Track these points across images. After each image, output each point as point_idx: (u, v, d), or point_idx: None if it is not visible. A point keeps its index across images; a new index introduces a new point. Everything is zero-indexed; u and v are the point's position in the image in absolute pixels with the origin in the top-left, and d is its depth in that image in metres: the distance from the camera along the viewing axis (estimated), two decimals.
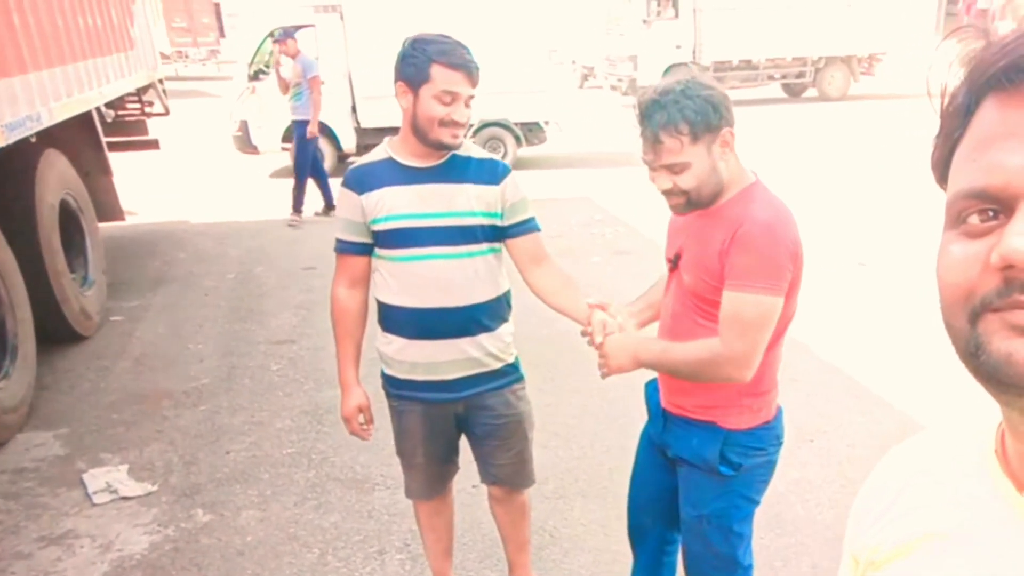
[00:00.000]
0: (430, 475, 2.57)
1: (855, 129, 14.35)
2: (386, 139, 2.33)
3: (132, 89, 7.23)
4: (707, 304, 1.95)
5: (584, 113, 16.16)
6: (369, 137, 10.78)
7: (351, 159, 11.04)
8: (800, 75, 18.43)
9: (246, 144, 10.55)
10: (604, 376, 2.14)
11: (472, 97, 2.17)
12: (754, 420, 2.04)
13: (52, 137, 5.19)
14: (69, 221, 5.51)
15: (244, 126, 10.43)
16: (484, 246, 2.28)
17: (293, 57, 8.01)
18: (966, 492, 0.68)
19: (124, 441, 4.05)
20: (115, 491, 3.58)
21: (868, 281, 6.26)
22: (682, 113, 1.80)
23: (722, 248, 1.85)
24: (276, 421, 4.21)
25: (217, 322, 5.69)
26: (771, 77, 18.49)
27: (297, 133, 8.21)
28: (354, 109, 10.59)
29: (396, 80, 2.18)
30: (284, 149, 10.34)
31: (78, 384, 4.75)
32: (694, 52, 17.49)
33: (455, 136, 2.16)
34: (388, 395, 2.47)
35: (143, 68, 7.44)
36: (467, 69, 2.12)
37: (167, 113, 8.40)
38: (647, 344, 2.05)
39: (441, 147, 2.18)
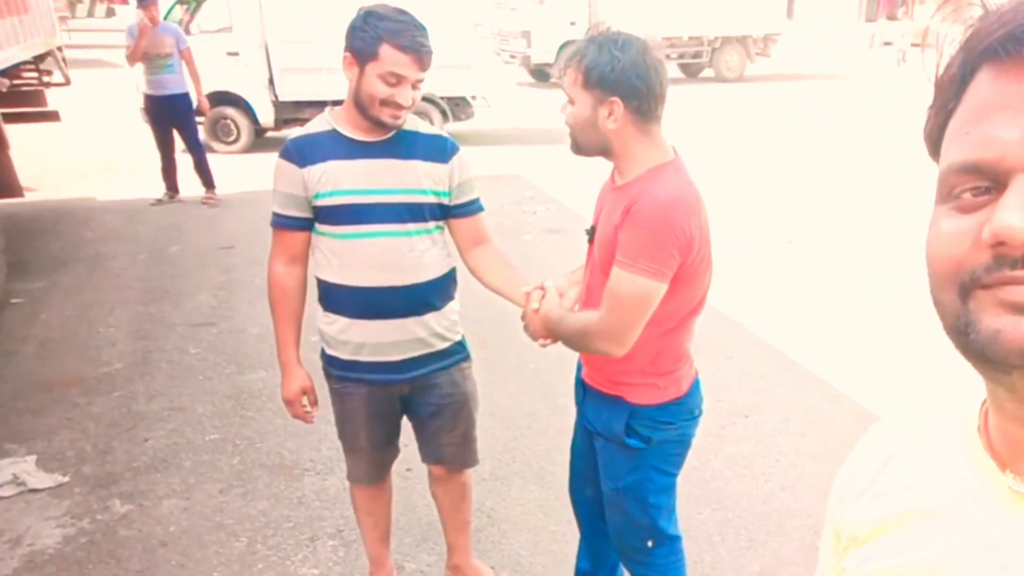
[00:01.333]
0: (373, 459, 2.54)
1: (757, 110, 14.72)
2: (327, 109, 2.26)
3: (28, 57, 6.91)
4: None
5: (508, 88, 16.17)
6: (287, 111, 10.57)
7: (268, 134, 10.81)
8: (697, 55, 18.81)
9: None
10: (538, 343, 2.17)
11: (420, 81, 2.11)
12: (661, 396, 2.08)
13: None
14: None
15: None
16: (431, 224, 2.26)
17: (155, 25, 7.40)
18: (948, 469, 0.69)
19: (31, 430, 3.88)
20: (23, 483, 3.44)
21: (797, 259, 6.44)
22: (588, 56, 1.89)
23: (618, 223, 1.89)
24: (197, 406, 4.10)
25: (129, 304, 5.50)
26: (668, 56, 18.70)
27: (182, 107, 7.79)
28: (271, 82, 10.34)
29: (345, 50, 2.11)
30: (198, 122, 10.04)
31: None
32: (588, 29, 17.60)
33: (395, 117, 2.12)
34: (329, 376, 2.42)
35: (40, 34, 7.11)
36: (417, 52, 2.05)
37: (68, 83, 8.08)
38: (555, 313, 2.08)
39: (380, 125, 2.14)
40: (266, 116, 10.38)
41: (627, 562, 2.33)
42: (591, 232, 2.08)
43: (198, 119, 9.93)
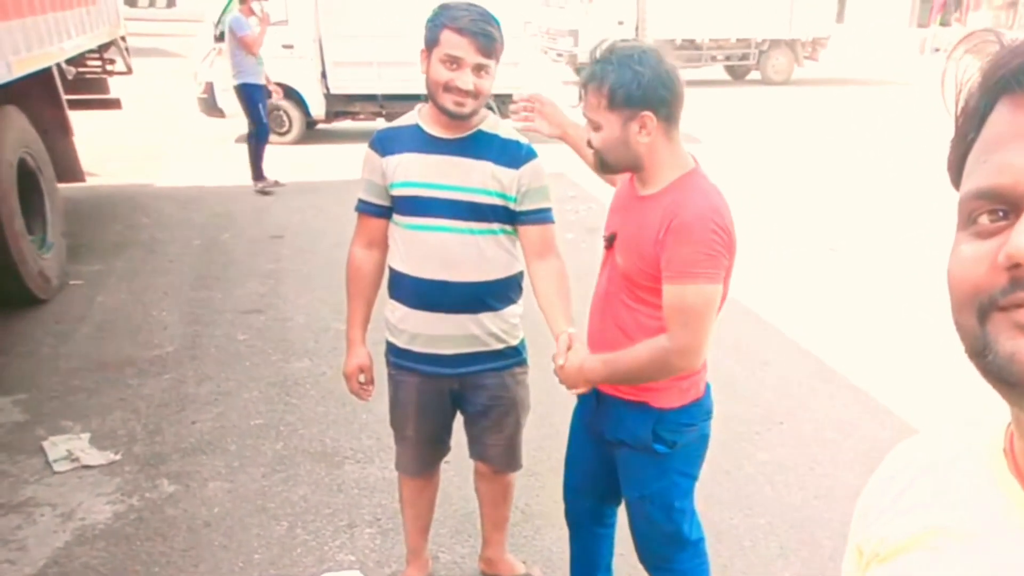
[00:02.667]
0: (420, 451, 2.57)
1: (803, 114, 14.47)
2: (418, 105, 2.30)
3: (94, 46, 7.06)
4: (637, 288, 2.00)
5: (555, 86, 16.13)
6: (338, 104, 10.66)
7: (319, 126, 10.92)
8: (744, 57, 18.54)
9: (211, 107, 10.32)
10: (573, 392, 2.18)
11: (484, 67, 2.11)
12: (684, 398, 2.09)
13: (11, 93, 5.05)
14: (27, 181, 5.38)
15: (210, 88, 10.21)
16: (495, 226, 2.27)
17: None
18: (973, 490, 0.69)
19: (86, 409, 3.99)
20: (76, 459, 3.54)
21: (839, 266, 6.35)
22: (608, 77, 1.87)
23: (657, 237, 1.89)
24: (243, 392, 4.18)
25: (182, 290, 5.61)
26: (714, 58, 18.58)
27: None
28: (324, 75, 10.44)
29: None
30: None
31: (37, 349, 4.66)
32: (637, 29, 17.48)
33: (460, 104, 2.13)
34: (388, 363, 2.48)
35: (105, 24, 7.26)
36: (476, 36, 2.07)
37: (130, 72, 8.22)
38: (591, 361, 2.06)
39: (448, 114, 2.16)
40: (318, 109, 10.49)
41: (652, 569, 2.32)
42: (611, 239, 2.08)
43: None
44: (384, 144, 2.28)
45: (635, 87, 1.85)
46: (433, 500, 2.75)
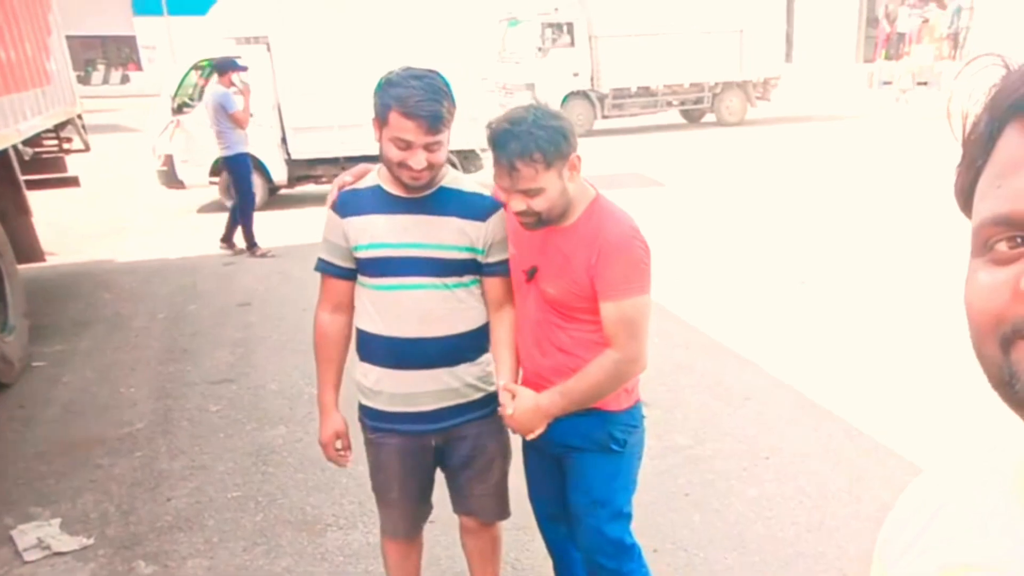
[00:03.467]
0: (405, 512, 2.51)
1: (760, 152, 14.79)
2: (377, 166, 2.29)
3: (50, 125, 7.04)
4: (570, 310, 2.16)
5: None
6: (300, 168, 10.70)
7: (281, 191, 10.92)
8: (698, 100, 19.04)
9: (171, 179, 10.32)
10: (527, 438, 2.26)
11: (435, 143, 2.10)
12: (629, 400, 2.27)
13: None
14: None
15: (169, 160, 10.21)
16: (467, 278, 2.27)
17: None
18: (998, 522, 0.67)
19: (55, 493, 3.87)
20: (47, 547, 3.41)
21: (810, 298, 6.42)
22: (536, 143, 1.97)
23: (589, 263, 2.07)
24: (219, 464, 4.08)
25: (149, 364, 5.51)
26: (670, 103, 19.06)
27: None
28: (284, 141, 10.49)
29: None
30: (212, 183, 10.17)
31: (1, 435, 4.53)
32: (592, 79, 17.87)
33: (415, 179, 2.13)
34: (364, 427, 2.42)
35: (61, 103, 7.25)
36: (422, 119, 2.04)
37: (87, 149, 8.20)
38: (546, 397, 2.18)
39: (404, 186, 2.17)
40: (279, 174, 10.52)
41: None
42: (532, 272, 2.18)
43: (213, 180, 10.16)
44: (344, 206, 2.26)
45: (562, 139, 2.01)
46: (419, 563, 2.67)
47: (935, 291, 6.29)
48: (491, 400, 2.40)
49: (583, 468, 2.29)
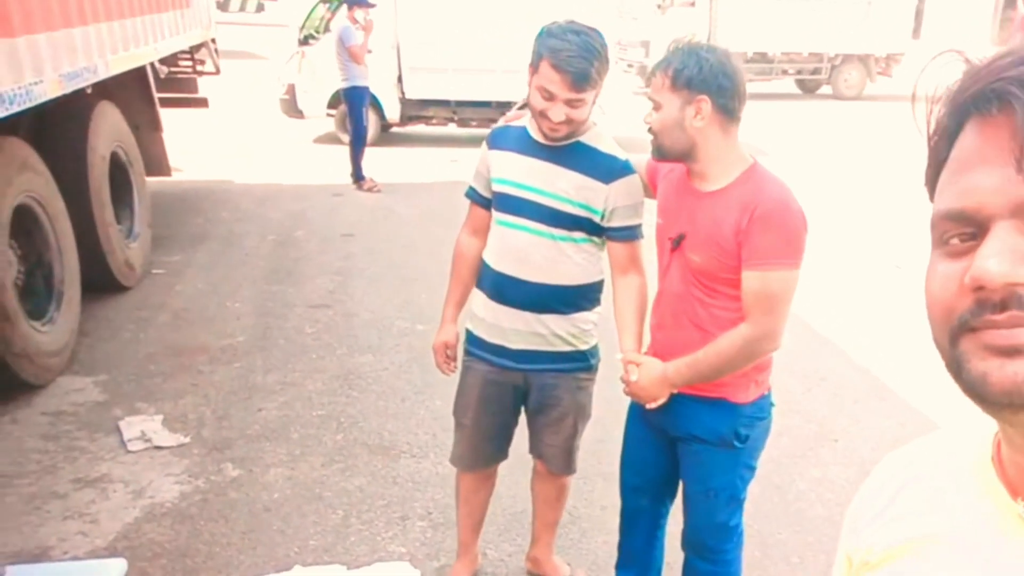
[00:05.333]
0: (475, 443, 2.58)
1: (874, 129, 14.05)
2: None
3: (186, 47, 7.29)
4: (715, 282, 2.03)
5: (625, 96, 16.04)
6: (413, 108, 10.78)
7: (393, 129, 11.06)
8: (815, 71, 18.07)
9: (292, 108, 10.57)
10: (648, 406, 2.19)
11: (577, 100, 2.12)
12: (759, 392, 2.14)
13: (106, 90, 5.26)
14: (118, 173, 5.58)
15: (292, 90, 10.45)
16: (578, 234, 2.27)
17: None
18: (961, 497, 0.69)
19: (160, 392, 4.12)
20: (149, 440, 3.65)
21: (903, 284, 6.16)
22: (675, 60, 1.96)
23: (739, 228, 1.92)
24: (308, 383, 4.26)
25: (255, 282, 5.75)
26: (785, 72, 18.12)
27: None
28: (400, 79, 10.58)
29: None
30: (329, 115, 10.37)
31: (118, 333, 4.83)
32: (708, 40, 17.16)
33: (553, 130, 2.16)
34: (464, 351, 2.53)
35: (197, 26, 7.48)
36: (569, 74, 2.07)
37: (218, 72, 8.46)
38: (673, 366, 2.09)
39: (543, 134, 2.20)
40: (393, 112, 10.62)
41: (697, 560, 2.33)
42: (679, 240, 2.07)
43: (330, 112, 10.35)
44: (495, 139, 2.38)
45: (696, 71, 1.93)
46: (487, 500, 2.75)
47: None
48: (580, 357, 2.43)
49: (702, 459, 2.20)
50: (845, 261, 6.56)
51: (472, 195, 2.47)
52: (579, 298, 2.35)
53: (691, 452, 2.21)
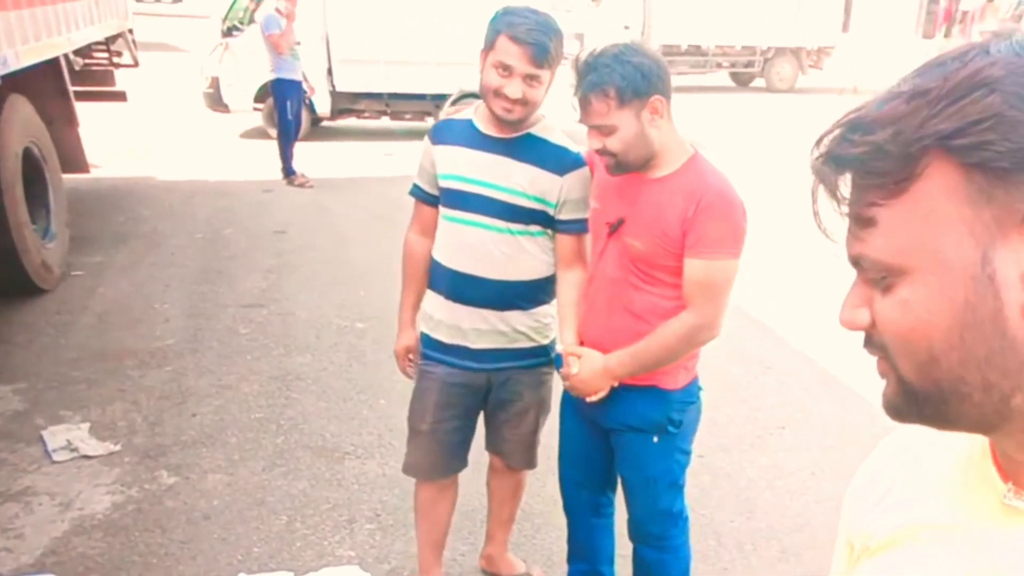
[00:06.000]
0: (431, 451, 2.49)
1: (807, 121, 14.41)
2: (476, 103, 2.32)
3: (101, 37, 7.05)
4: (653, 268, 2.05)
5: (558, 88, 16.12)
6: (344, 101, 10.64)
7: (323, 123, 10.90)
8: (749, 64, 18.53)
9: (216, 102, 10.34)
10: (588, 400, 2.20)
11: (535, 77, 2.11)
12: (689, 377, 2.20)
13: (18, 83, 5.03)
14: (32, 171, 5.36)
15: (215, 83, 10.22)
16: (534, 228, 2.26)
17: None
18: (958, 483, 0.70)
19: (85, 399, 3.97)
20: (76, 449, 3.52)
21: (842, 273, 6.32)
22: (611, 77, 1.90)
23: (685, 216, 1.96)
24: (244, 385, 4.16)
25: (184, 282, 5.59)
26: (719, 65, 18.56)
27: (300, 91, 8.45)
28: (330, 72, 10.43)
29: None
30: (257, 109, 10.18)
31: (37, 339, 4.64)
32: (643, 33, 17.45)
33: (508, 111, 2.13)
34: (420, 355, 2.48)
35: (113, 16, 7.25)
36: (530, 46, 2.06)
37: (136, 64, 8.21)
38: (615, 358, 2.11)
39: (497, 119, 2.17)
40: (323, 106, 10.47)
41: (644, 549, 2.37)
42: (618, 224, 2.08)
43: (257, 106, 10.15)
44: (438, 133, 2.34)
45: (639, 77, 1.92)
46: (449, 513, 2.65)
47: None
48: (539, 352, 2.41)
49: (637, 449, 2.23)
50: (785, 251, 6.71)
51: (418, 193, 2.42)
52: (539, 292, 2.35)
53: (626, 442, 2.24)
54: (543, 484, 3.37)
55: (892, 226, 0.61)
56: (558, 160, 2.22)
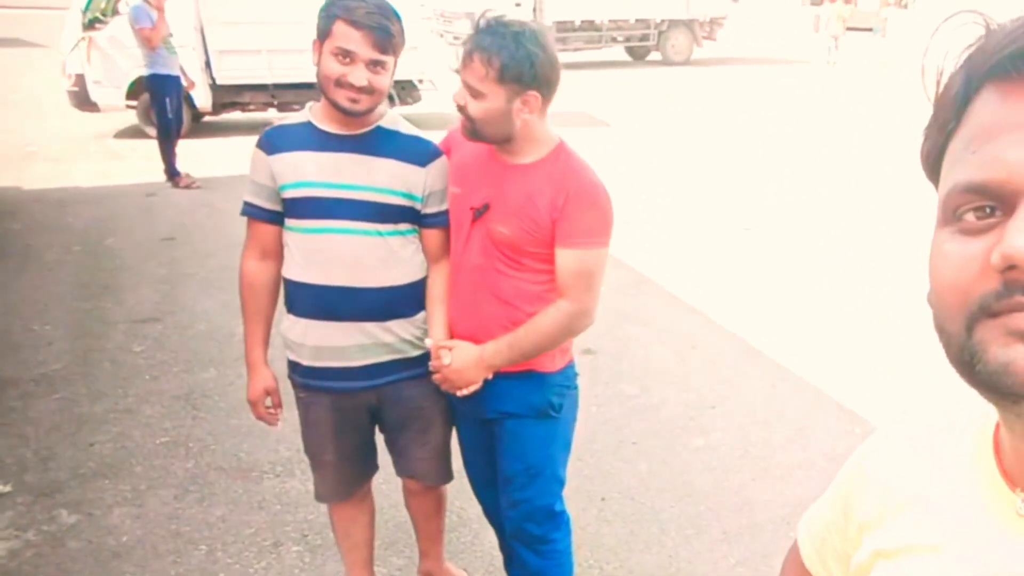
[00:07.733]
0: (342, 474, 2.42)
1: (705, 94, 14.89)
2: (309, 103, 2.19)
3: None
4: (520, 255, 2.08)
5: (452, 71, 16.07)
6: (226, 95, 10.33)
7: (205, 119, 10.55)
8: (644, 38, 18.96)
9: (84, 101, 9.86)
10: (459, 393, 2.20)
11: (379, 63, 2.01)
12: (565, 360, 2.25)
13: None
14: None
15: (80, 81, 9.74)
16: (403, 226, 2.17)
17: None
18: (964, 487, 0.69)
19: None
20: None
21: (754, 246, 6.52)
22: (502, 50, 1.92)
23: (554, 205, 2.01)
24: (145, 408, 3.98)
25: (65, 300, 5.32)
26: (614, 39, 18.92)
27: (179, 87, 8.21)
28: (208, 64, 10.09)
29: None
30: (130, 106, 9.77)
31: None
32: (535, 10, 17.60)
33: (354, 101, 2.02)
34: (294, 385, 2.33)
35: None
36: (371, 30, 1.97)
37: None
38: (491, 347, 2.12)
39: (341, 111, 2.05)
40: (203, 100, 10.11)
41: (525, 551, 2.38)
42: (484, 209, 2.09)
43: (130, 103, 9.75)
44: (271, 142, 2.15)
45: (528, 66, 1.94)
46: (371, 527, 2.60)
47: (878, 240, 6.47)
48: (428, 358, 2.30)
49: (518, 435, 2.24)
50: (696, 227, 6.86)
51: (254, 212, 2.20)
52: (420, 295, 2.25)
53: (506, 431, 2.25)
54: None
55: None
56: (417, 151, 2.15)
